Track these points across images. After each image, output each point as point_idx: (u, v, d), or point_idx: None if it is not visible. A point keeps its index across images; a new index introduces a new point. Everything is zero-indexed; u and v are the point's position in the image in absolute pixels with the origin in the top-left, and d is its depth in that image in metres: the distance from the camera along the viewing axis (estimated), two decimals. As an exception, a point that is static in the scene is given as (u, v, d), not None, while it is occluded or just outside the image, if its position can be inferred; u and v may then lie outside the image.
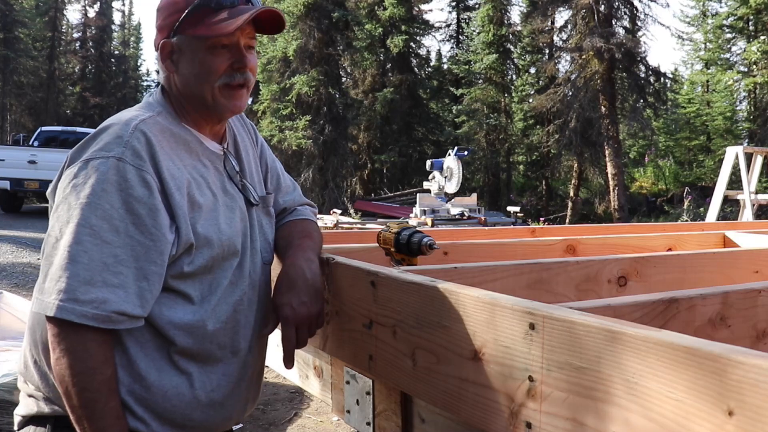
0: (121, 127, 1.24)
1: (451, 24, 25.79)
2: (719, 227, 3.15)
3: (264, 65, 20.94)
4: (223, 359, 1.31)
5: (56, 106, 31.96)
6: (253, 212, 1.42)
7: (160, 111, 1.33)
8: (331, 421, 3.76)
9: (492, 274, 1.58)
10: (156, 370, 1.23)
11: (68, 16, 37.94)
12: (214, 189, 1.33)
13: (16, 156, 13.88)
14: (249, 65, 1.33)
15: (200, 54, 1.29)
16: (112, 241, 1.16)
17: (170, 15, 1.31)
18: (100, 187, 1.17)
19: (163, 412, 1.24)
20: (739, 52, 21.61)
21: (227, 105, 1.33)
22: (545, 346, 0.92)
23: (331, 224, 8.76)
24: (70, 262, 1.13)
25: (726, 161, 8.49)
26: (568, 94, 18.21)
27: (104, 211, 1.16)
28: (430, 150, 21.91)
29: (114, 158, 1.19)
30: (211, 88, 1.30)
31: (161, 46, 1.32)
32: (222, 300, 1.30)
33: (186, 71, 1.31)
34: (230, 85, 1.31)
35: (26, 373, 1.29)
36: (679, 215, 15.22)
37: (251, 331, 1.37)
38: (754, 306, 1.26)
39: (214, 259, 1.28)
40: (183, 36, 1.30)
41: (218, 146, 1.40)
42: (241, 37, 1.31)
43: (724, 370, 0.71)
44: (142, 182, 1.19)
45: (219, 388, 1.31)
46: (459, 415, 1.08)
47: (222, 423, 1.35)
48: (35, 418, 1.27)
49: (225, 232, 1.30)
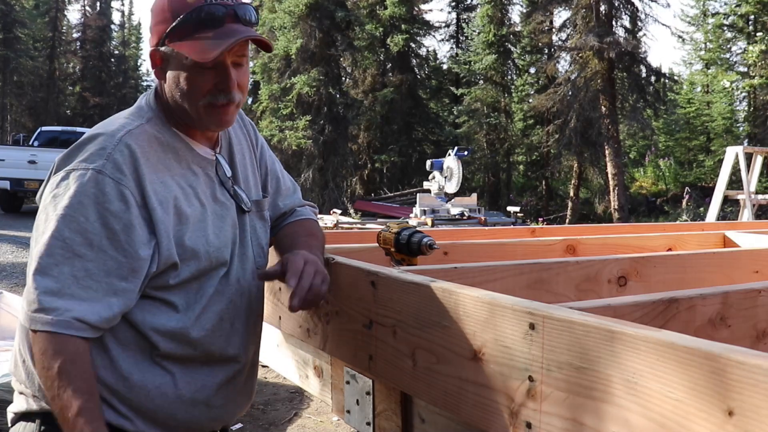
0: (106, 138, 1.23)
1: (451, 24, 25.79)
2: (719, 227, 3.15)
3: (264, 65, 20.94)
4: (209, 364, 1.31)
5: (56, 106, 31.97)
6: (245, 218, 1.41)
7: (150, 117, 1.31)
8: (331, 421, 3.76)
9: (492, 274, 1.58)
10: (139, 371, 1.24)
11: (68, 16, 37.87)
12: (203, 198, 1.32)
13: (16, 156, 13.88)
14: (235, 85, 1.28)
15: (185, 71, 1.26)
16: (85, 255, 1.16)
17: (159, 23, 1.28)
18: (77, 199, 1.17)
19: (147, 410, 1.24)
20: (739, 52, 21.61)
21: (212, 122, 1.31)
22: (545, 346, 0.92)
23: (331, 224, 8.76)
24: (40, 274, 1.15)
25: (726, 161, 8.49)
26: (568, 94, 18.18)
27: (79, 224, 1.16)
28: (430, 150, 21.89)
29: (94, 170, 1.18)
30: (195, 107, 1.27)
31: (150, 54, 1.31)
32: (207, 308, 1.29)
33: (173, 83, 1.28)
34: (214, 105, 1.28)
35: (16, 371, 1.30)
36: (679, 215, 15.22)
37: (241, 337, 1.36)
38: (754, 306, 1.26)
39: (201, 271, 1.28)
40: (169, 48, 1.27)
41: (210, 152, 1.38)
42: (228, 56, 1.25)
43: (724, 370, 0.71)
44: (120, 196, 1.18)
45: (204, 388, 1.30)
46: (459, 415, 1.08)
47: (209, 423, 1.34)
48: (25, 414, 1.28)
49: (213, 243, 1.29)
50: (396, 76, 22.71)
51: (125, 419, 1.23)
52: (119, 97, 33.02)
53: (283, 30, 20.09)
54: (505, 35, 21.42)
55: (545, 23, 19.89)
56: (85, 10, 34.48)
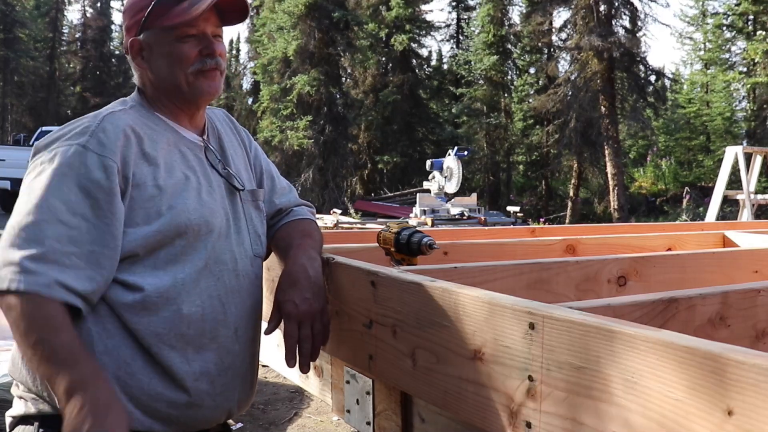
0: (90, 120, 1.29)
1: (451, 24, 25.79)
2: (719, 227, 3.15)
3: (264, 66, 20.96)
4: (203, 346, 1.30)
5: (56, 106, 31.99)
6: (238, 201, 1.42)
7: (133, 105, 1.37)
8: (331, 420, 3.76)
9: (492, 274, 1.58)
10: (140, 359, 1.24)
11: (68, 16, 37.89)
12: (187, 172, 1.33)
13: (17, 156, 13.91)
14: (218, 51, 1.37)
15: (169, 46, 1.33)
16: (68, 222, 1.18)
17: (136, 14, 1.36)
18: (60, 170, 1.20)
19: (148, 401, 1.24)
20: (738, 52, 21.61)
21: (202, 87, 1.36)
22: (545, 346, 0.92)
23: (331, 224, 8.77)
24: (28, 240, 1.15)
25: (725, 161, 8.49)
26: (568, 94, 18.19)
27: (62, 193, 1.19)
28: (430, 150, 21.89)
29: (78, 145, 1.22)
30: (184, 75, 1.34)
31: (130, 44, 1.37)
32: (196, 282, 1.28)
33: (157, 64, 1.35)
34: (203, 70, 1.35)
35: (14, 369, 1.29)
36: (679, 215, 15.22)
37: (234, 319, 1.35)
38: (753, 306, 1.26)
39: (178, 232, 1.27)
40: (150, 31, 1.34)
41: (197, 137, 1.41)
42: (207, 26, 1.35)
43: (724, 370, 0.71)
44: (102, 167, 1.22)
45: (202, 377, 1.29)
46: (459, 415, 1.09)
47: (210, 413, 1.33)
48: (24, 418, 1.28)
49: (195, 210, 1.30)
50: (397, 76, 22.72)
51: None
52: (119, 97, 32.88)
53: (282, 31, 20.10)
54: (505, 35, 21.44)
55: (545, 23, 19.88)
56: (85, 10, 34.49)
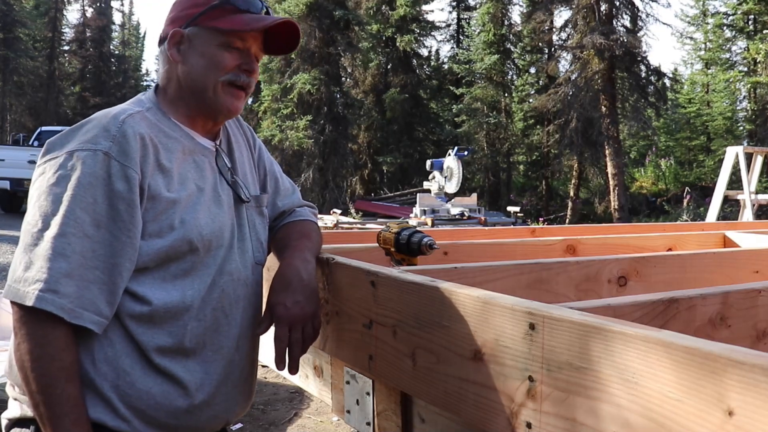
0: (109, 120, 1.25)
1: (452, 24, 25.78)
2: (719, 227, 3.15)
3: (265, 65, 20.94)
4: (205, 358, 1.30)
5: (56, 106, 31.99)
6: (243, 210, 1.42)
7: (150, 107, 1.34)
8: (331, 421, 3.76)
9: (492, 274, 1.58)
10: (140, 368, 1.24)
11: (68, 16, 37.90)
12: (200, 183, 1.33)
13: (16, 156, 13.91)
14: (254, 71, 1.37)
15: (212, 48, 1.32)
16: (92, 236, 1.18)
17: (189, 8, 1.34)
18: (86, 180, 1.18)
19: (147, 409, 1.24)
20: (739, 52, 21.60)
21: (226, 102, 1.34)
22: (545, 346, 0.92)
23: (331, 224, 8.76)
24: (54, 254, 1.15)
25: (726, 161, 8.48)
26: (568, 94, 18.17)
27: (88, 205, 1.18)
28: (430, 150, 21.89)
29: (101, 152, 1.20)
30: (215, 82, 1.33)
31: (171, 34, 1.34)
32: (203, 298, 1.29)
33: (193, 61, 1.33)
34: (234, 83, 1.34)
35: (11, 373, 1.29)
36: (679, 215, 15.22)
37: (237, 329, 1.35)
38: (754, 306, 1.26)
39: (189, 249, 1.27)
40: (198, 28, 1.33)
41: (210, 143, 1.40)
42: (253, 45, 1.36)
43: (724, 370, 0.71)
44: (125, 178, 1.20)
45: (203, 387, 1.30)
46: (459, 415, 1.08)
47: (208, 423, 1.33)
48: (20, 420, 1.28)
49: (206, 225, 1.29)
50: (397, 75, 22.71)
51: (123, 420, 1.23)
52: (119, 97, 32.97)
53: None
54: (506, 35, 21.42)
55: (546, 23, 19.88)
56: (84, 10, 34.49)
